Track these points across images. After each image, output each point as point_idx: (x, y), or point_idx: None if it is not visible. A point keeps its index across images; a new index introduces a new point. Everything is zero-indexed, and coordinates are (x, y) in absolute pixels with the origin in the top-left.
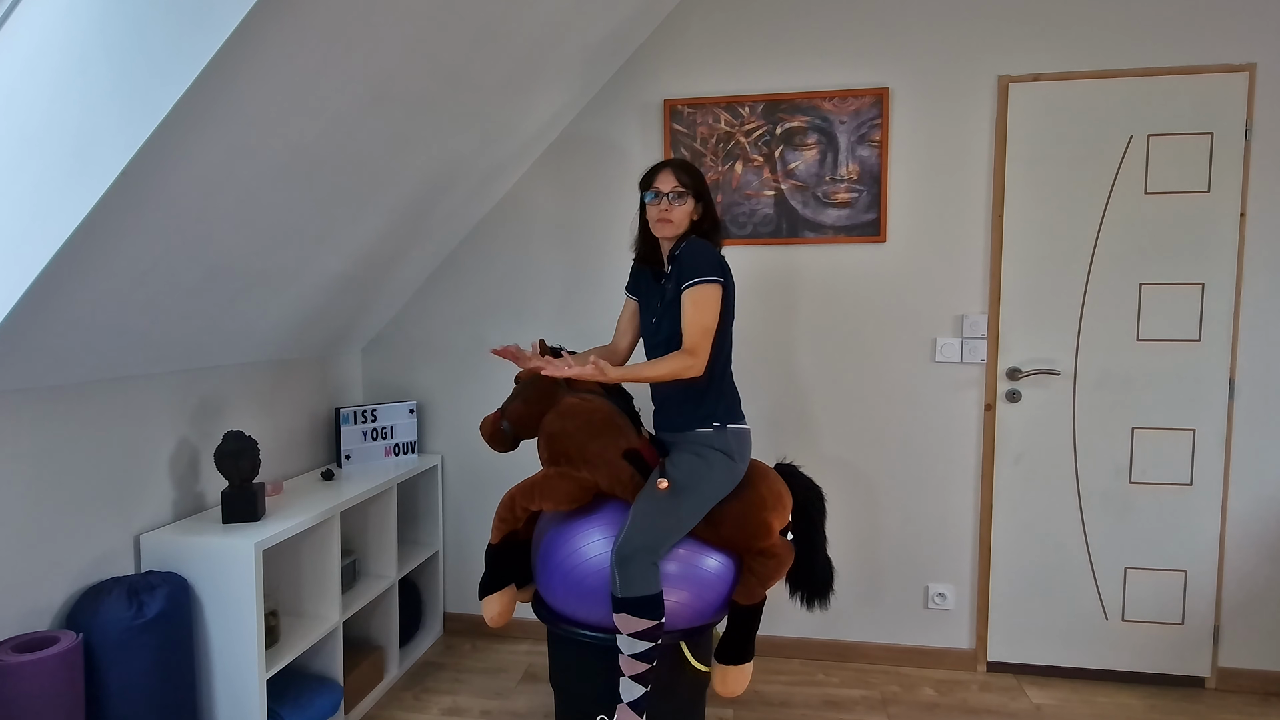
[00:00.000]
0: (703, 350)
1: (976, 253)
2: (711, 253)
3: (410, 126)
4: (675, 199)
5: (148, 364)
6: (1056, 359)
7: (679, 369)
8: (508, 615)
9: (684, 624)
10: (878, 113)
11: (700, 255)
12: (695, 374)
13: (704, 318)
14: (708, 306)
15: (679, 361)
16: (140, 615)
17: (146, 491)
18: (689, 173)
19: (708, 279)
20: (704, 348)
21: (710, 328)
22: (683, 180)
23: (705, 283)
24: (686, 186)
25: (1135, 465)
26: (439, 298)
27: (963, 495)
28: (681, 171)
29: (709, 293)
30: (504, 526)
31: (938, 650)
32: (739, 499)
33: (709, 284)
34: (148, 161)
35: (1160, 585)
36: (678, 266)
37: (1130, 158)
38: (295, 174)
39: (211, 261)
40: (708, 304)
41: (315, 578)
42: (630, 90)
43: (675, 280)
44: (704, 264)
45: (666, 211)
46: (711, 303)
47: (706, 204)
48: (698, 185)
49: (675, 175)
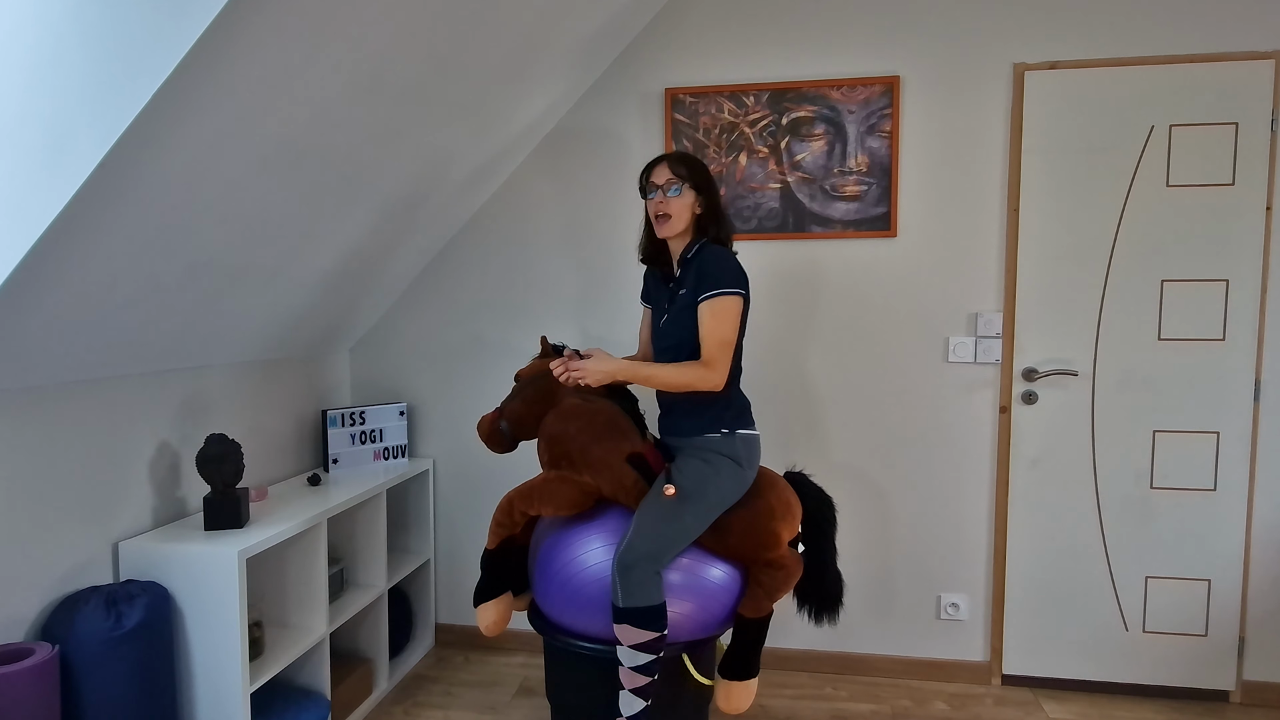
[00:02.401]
0: (721, 364)
1: (991, 248)
2: (732, 262)
3: (400, 116)
4: (671, 191)
5: (126, 364)
6: (1074, 359)
7: (694, 381)
8: (503, 624)
9: (687, 636)
10: (888, 102)
11: (722, 264)
12: (712, 389)
13: (723, 331)
14: (728, 319)
15: (695, 373)
16: (119, 626)
17: (125, 497)
18: (685, 163)
19: (729, 291)
20: (723, 361)
21: (730, 341)
22: (678, 171)
23: (726, 294)
24: (682, 177)
25: (1156, 470)
26: (431, 295)
27: (977, 501)
28: (677, 164)
29: (730, 305)
30: (501, 531)
31: (951, 663)
32: (747, 508)
33: (730, 296)
34: (125, 153)
35: (1183, 595)
36: (692, 273)
37: (1151, 149)
38: (280, 166)
39: (193, 257)
40: (728, 316)
41: (301, 587)
42: (630, 78)
43: (692, 287)
44: (726, 274)
45: (663, 205)
46: (732, 316)
47: (709, 196)
48: (696, 176)
49: (670, 168)
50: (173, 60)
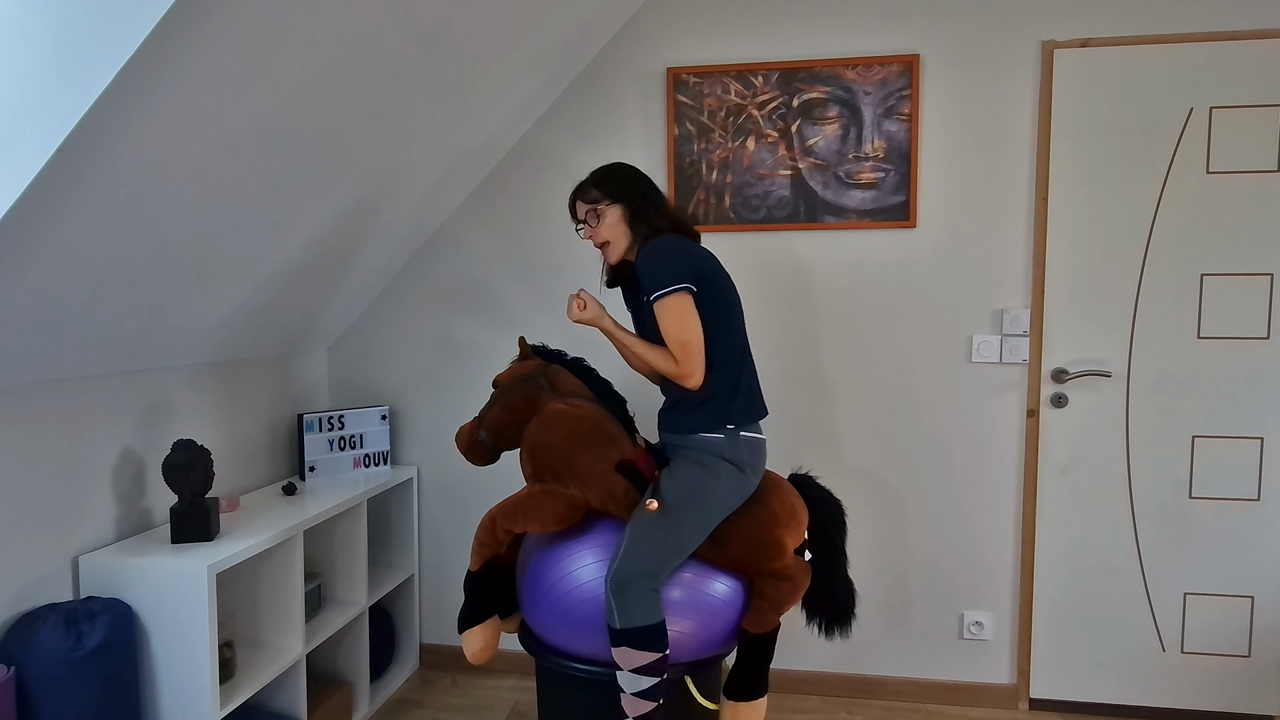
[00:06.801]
0: (689, 364)
1: (1018, 239)
2: (666, 257)
3: (381, 97)
4: (593, 219)
5: (87, 364)
6: (1107, 359)
7: (669, 371)
8: (491, 650)
9: (689, 656)
10: (907, 82)
11: (654, 263)
12: (688, 385)
13: (679, 330)
14: (680, 318)
15: (669, 365)
16: (79, 646)
17: (86, 508)
18: (595, 182)
19: (667, 290)
20: (690, 362)
21: (689, 340)
22: (589, 196)
23: (667, 294)
24: (596, 199)
25: (1196, 478)
26: (414, 290)
27: (1002, 512)
28: (587, 188)
29: (674, 304)
30: (484, 551)
31: (974, 686)
32: (748, 515)
33: (671, 294)
34: (85, 139)
35: (1224, 613)
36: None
37: (1190, 132)
38: (252, 152)
39: (158, 250)
40: (679, 315)
41: (275, 604)
42: (629, 57)
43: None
44: (661, 272)
45: (594, 235)
46: (682, 313)
47: (630, 198)
48: (608, 188)
49: (581, 196)
50: (136, 39)
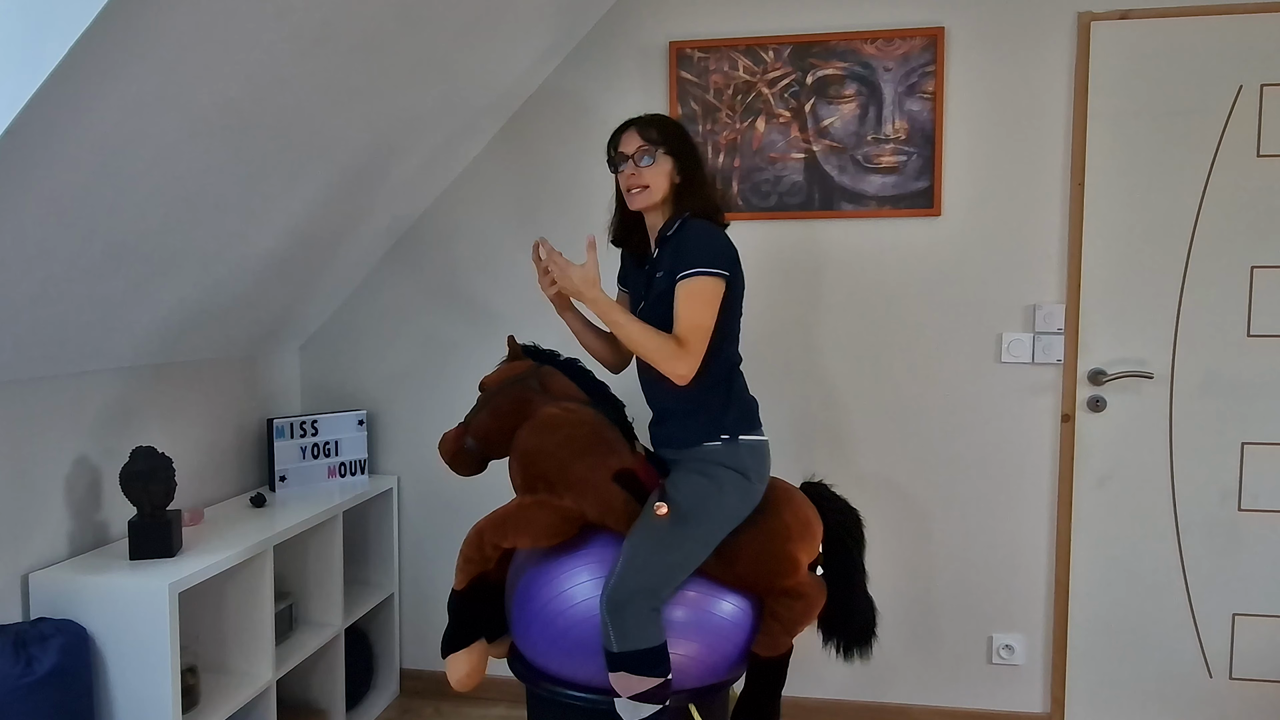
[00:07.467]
0: (693, 350)
1: (1051, 229)
2: (718, 238)
3: (356, 76)
4: (644, 161)
5: (37, 365)
6: (1149, 359)
7: (664, 354)
8: (478, 676)
9: (694, 682)
10: (931, 58)
11: (703, 239)
12: (677, 376)
13: (700, 315)
14: (706, 303)
15: (668, 348)
16: (29, 672)
17: (36, 521)
18: (658, 126)
19: (710, 271)
20: (695, 348)
21: (706, 328)
22: (649, 136)
23: (706, 275)
24: (655, 141)
25: (1246, 489)
26: (393, 284)
27: (1034, 525)
28: (647, 127)
29: (709, 287)
30: (471, 568)
31: (1004, 715)
32: (757, 528)
33: (711, 277)
34: (35, 120)
35: (1275, 635)
36: (670, 250)
37: (1240, 112)
38: (216, 133)
39: (114, 239)
40: (706, 300)
41: (243, 626)
42: (627, 31)
43: (668, 267)
44: (707, 251)
45: (635, 176)
46: (711, 299)
47: (687, 162)
48: (671, 140)
49: (639, 133)
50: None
